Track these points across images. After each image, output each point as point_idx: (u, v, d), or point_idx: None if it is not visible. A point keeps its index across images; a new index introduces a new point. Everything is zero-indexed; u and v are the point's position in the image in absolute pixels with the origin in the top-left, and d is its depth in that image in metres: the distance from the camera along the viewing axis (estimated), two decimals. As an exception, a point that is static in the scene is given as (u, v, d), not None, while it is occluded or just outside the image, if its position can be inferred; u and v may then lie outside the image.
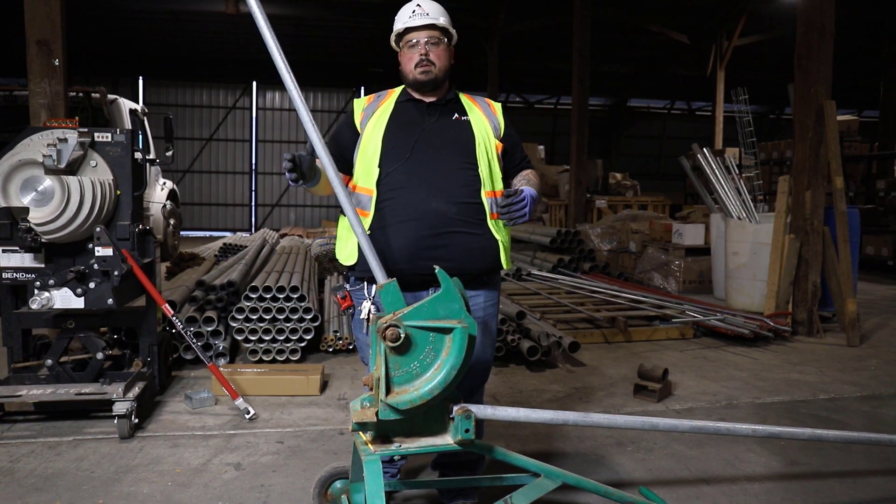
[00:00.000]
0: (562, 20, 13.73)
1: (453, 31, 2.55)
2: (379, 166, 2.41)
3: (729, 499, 2.87)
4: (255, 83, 20.19)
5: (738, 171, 8.09)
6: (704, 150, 7.84)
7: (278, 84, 17.60)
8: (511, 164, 2.63)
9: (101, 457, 3.20)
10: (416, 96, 2.54)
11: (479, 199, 2.43)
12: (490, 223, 2.45)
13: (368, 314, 2.26)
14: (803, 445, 3.41)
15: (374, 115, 2.52)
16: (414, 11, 2.49)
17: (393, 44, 2.58)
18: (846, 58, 17.39)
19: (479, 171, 2.45)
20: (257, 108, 20.41)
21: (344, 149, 2.55)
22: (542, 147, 16.67)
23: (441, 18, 2.50)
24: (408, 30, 2.48)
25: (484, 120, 2.56)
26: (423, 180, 2.38)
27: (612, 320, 5.97)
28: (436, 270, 2.05)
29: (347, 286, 2.50)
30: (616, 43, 18.07)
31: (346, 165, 2.54)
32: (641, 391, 4.24)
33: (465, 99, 2.62)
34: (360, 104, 2.58)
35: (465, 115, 2.55)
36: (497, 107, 2.65)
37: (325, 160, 2.14)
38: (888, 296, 8.57)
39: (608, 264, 8.81)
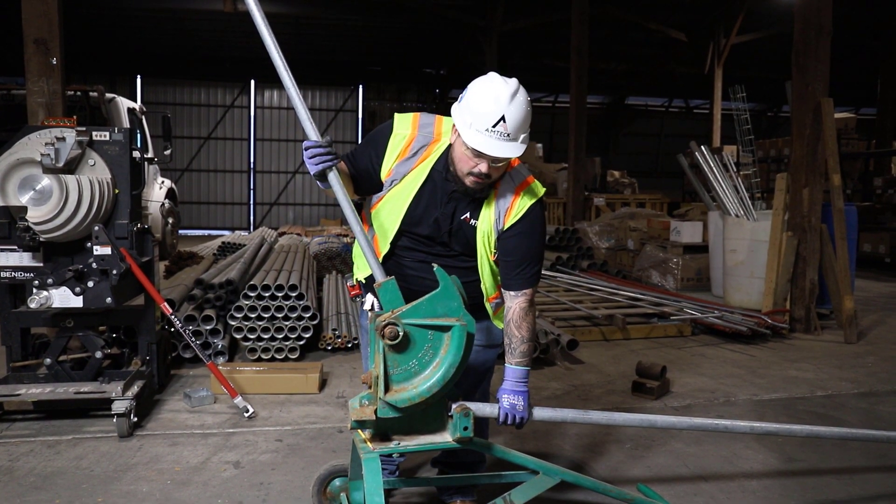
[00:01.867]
0: (560, 18, 13.72)
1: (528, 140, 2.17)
2: (391, 243, 2.36)
3: (727, 495, 2.88)
4: (253, 81, 20.17)
5: (735, 169, 8.11)
6: (702, 147, 7.85)
7: (276, 82, 17.58)
8: (500, 269, 2.36)
9: (100, 455, 3.21)
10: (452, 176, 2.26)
11: (474, 277, 2.36)
12: (493, 319, 2.45)
13: (371, 306, 2.32)
14: (801, 442, 3.42)
15: (403, 179, 2.29)
16: (494, 127, 2.07)
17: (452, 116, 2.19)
18: (844, 55, 17.39)
19: (483, 285, 2.38)
20: (255, 107, 20.39)
21: (360, 177, 2.35)
22: (540, 145, 16.69)
23: (521, 137, 2.13)
24: (477, 153, 2.11)
25: (490, 226, 2.29)
26: (430, 262, 2.29)
27: (610, 318, 5.98)
28: (434, 268, 2.06)
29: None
30: (614, 41, 18.07)
31: (356, 186, 2.38)
32: (640, 389, 4.24)
33: (493, 191, 2.29)
34: (394, 150, 2.29)
35: (477, 216, 2.29)
36: (516, 210, 2.27)
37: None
38: (885, 293, 8.59)
39: (606, 262, 8.82)
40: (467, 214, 2.30)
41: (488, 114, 2.07)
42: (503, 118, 2.06)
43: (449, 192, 2.28)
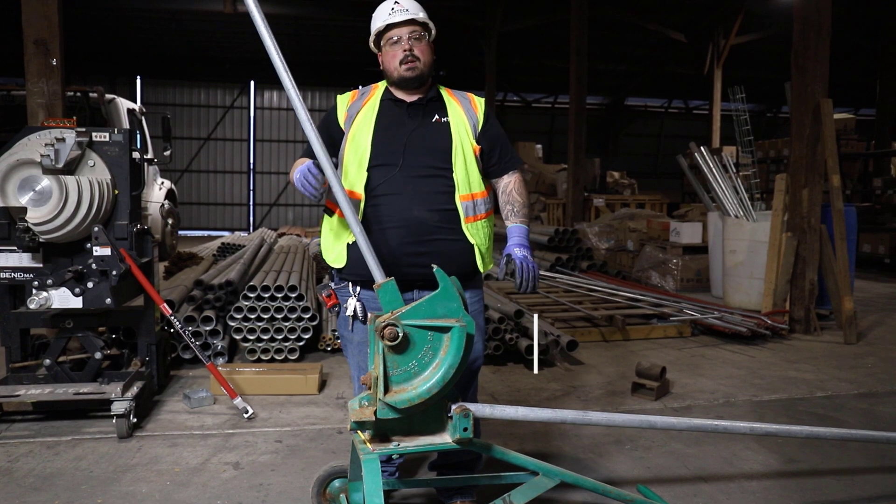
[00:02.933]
0: (559, 19, 13.74)
1: (433, 26, 2.52)
2: (368, 170, 2.40)
3: (727, 496, 2.88)
4: (252, 82, 20.18)
5: (735, 170, 8.10)
6: (702, 148, 7.85)
7: (276, 83, 17.57)
8: (490, 163, 2.56)
9: (99, 456, 3.21)
10: (399, 95, 2.50)
11: (454, 204, 2.43)
12: (465, 227, 2.44)
13: (354, 311, 2.40)
14: (801, 443, 3.42)
15: (358, 114, 2.48)
16: (393, 9, 2.46)
17: (372, 45, 2.55)
18: (843, 56, 17.39)
19: (455, 176, 2.43)
20: (255, 108, 20.39)
21: (332, 144, 2.49)
22: (539, 146, 16.68)
23: (420, 14, 2.48)
24: (389, 26, 2.45)
25: (463, 119, 2.51)
26: (407, 187, 2.39)
27: (609, 319, 5.98)
28: (434, 269, 2.06)
29: (332, 284, 2.53)
30: (613, 41, 18.08)
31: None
32: (639, 389, 4.24)
33: (446, 95, 2.57)
34: (343, 101, 2.54)
35: (445, 115, 2.51)
36: (479, 102, 2.60)
37: (322, 159, 2.15)
38: (885, 293, 8.60)
39: (606, 263, 8.82)
40: (436, 116, 2.49)
41: (384, 7, 2.48)
42: (396, 2, 2.46)
43: (405, 110, 2.48)
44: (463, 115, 2.51)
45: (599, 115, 23.77)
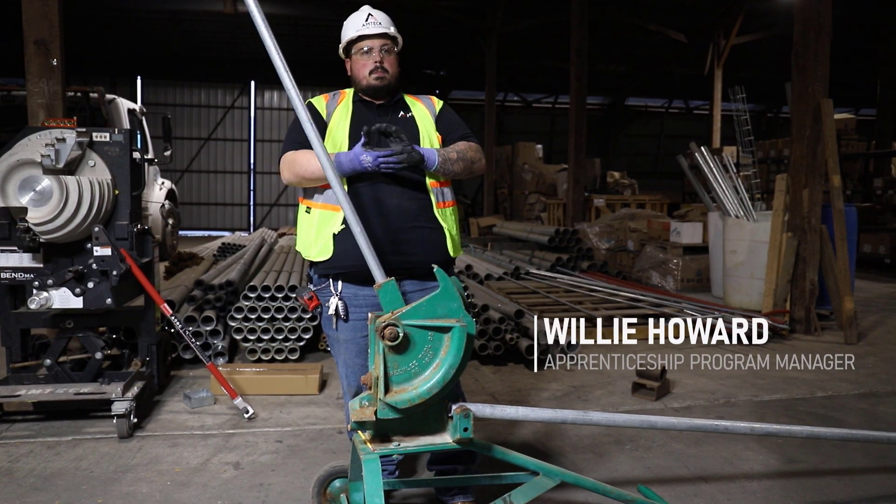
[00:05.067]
0: (559, 19, 13.72)
1: (401, 41, 2.65)
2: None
3: (727, 497, 2.88)
4: (253, 83, 20.18)
5: (735, 170, 8.10)
6: (702, 148, 7.84)
7: (277, 84, 17.54)
8: (449, 144, 2.61)
9: (100, 456, 3.21)
10: (367, 99, 2.59)
11: (426, 192, 2.48)
12: (436, 212, 2.50)
13: (336, 310, 2.43)
14: (801, 443, 3.42)
15: (335, 111, 2.56)
16: (367, 20, 2.56)
17: (341, 52, 2.64)
18: (843, 56, 17.37)
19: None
20: (256, 108, 20.40)
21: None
22: (539, 146, 16.68)
23: (391, 28, 2.59)
24: (362, 37, 2.54)
25: (426, 113, 2.63)
26: (383, 177, 2.42)
27: (610, 319, 5.96)
28: (434, 269, 2.06)
29: (311, 286, 2.54)
30: (614, 42, 18.07)
31: None
32: (640, 389, 4.24)
33: (409, 98, 2.69)
34: (320, 101, 2.60)
35: (409, 111, 2.62)
36: (437, 101, 2.73)
37: (322, 159, 2.15)
38: (885, 294, 8.59)
39: (606, 263, 8.82)
40: (401, 113, 2.61)
41: (357, 17, 2.57)
42: (370, 14, 2.57)
43: (375, 110, 2.57)
44: (425, 110, 2.65)
45: (600, 116, 23.77)
